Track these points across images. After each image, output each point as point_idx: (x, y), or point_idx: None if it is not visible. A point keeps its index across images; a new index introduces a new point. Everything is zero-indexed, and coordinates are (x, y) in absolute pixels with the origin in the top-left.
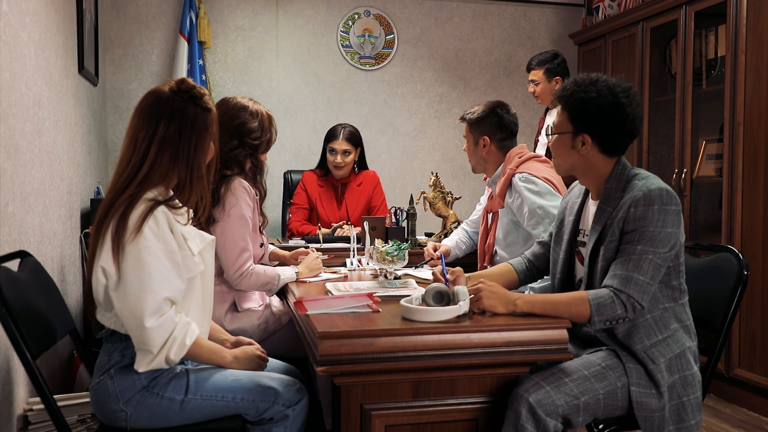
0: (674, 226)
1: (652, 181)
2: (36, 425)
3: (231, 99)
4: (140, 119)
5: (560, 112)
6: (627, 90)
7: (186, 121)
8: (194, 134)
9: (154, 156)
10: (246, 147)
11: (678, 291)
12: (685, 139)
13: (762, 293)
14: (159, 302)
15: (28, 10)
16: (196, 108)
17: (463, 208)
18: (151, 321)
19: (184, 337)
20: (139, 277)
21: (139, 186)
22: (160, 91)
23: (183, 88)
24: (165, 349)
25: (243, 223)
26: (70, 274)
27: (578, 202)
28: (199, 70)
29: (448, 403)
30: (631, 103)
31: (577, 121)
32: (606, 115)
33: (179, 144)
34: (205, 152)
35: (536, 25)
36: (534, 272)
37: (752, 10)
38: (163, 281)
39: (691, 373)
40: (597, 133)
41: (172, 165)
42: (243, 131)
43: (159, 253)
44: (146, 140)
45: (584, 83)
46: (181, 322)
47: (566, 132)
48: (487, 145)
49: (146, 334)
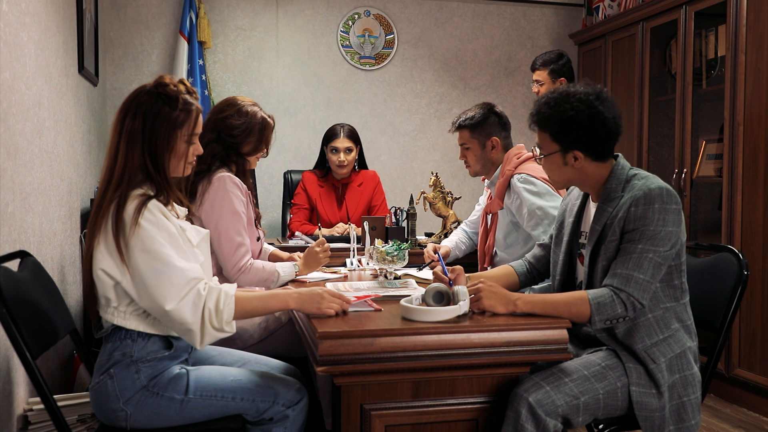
0: (675, 224)
1: (652, 181)
2: (36, 425)
3: (233, 98)
4: (116, 115)
5: (539, 134)
6: (598, 94)
7: (149, 115)
8: (156, 128)
9: (125, 151)
10: (221, 142)
11: (680, 290)
12: (685, 139)
13: (762, 293)
14: (179, 285)
15: (28, 10)
16: (163, 104)
17: (463, 208)
18: (172, 304)
19: (217, 303)
20: (152, 267)
21: (122, 185)
22: (141, 88)
23: (158, 83)
24: (206, 323)
25: (237, 219)
26: (70, 274)
27: (578, 204)
28: (199, 70)
29: (448, 403)
30: (607, 106)
31: (562, 140)
32: (589, 128)
33: (143, 138)
34: (170, 149)
35: (536, 25)
36: (535, 274)
37: (752, 10)
38: (175, 265)
39: (691, 373)
40: (585, 146)
41: (143, 160)
42: (222, 126)
43: (163, 240)
44: (117, 135)
45: (557, 102)
46: (210, 292)
47: (554, 152)
48: (496, 146)
49: (170, 316)
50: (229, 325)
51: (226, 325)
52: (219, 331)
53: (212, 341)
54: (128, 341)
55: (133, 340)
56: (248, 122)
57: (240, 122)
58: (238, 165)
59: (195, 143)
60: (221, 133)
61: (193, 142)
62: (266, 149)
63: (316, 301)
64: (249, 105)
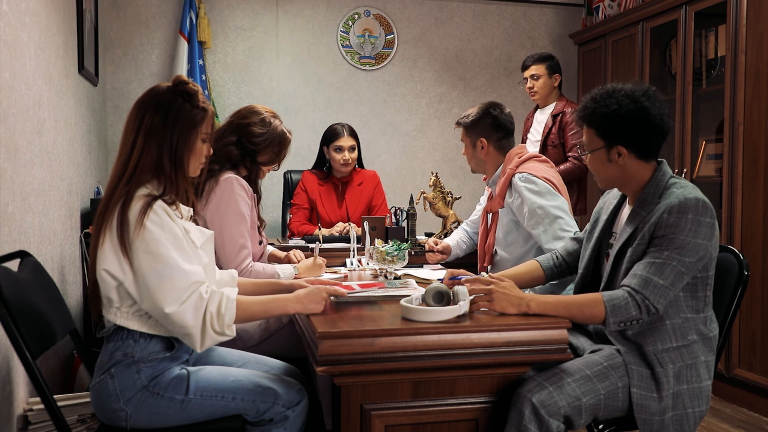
0: (706, 238)
1: (690, 191)
2: (36, 425)
3: (254, 106)
4: (132, 112)
5: (586, 130)
6: (646, 92)
7: (170, 112)
8: (177, 126)
9: (141, 146)
10: (241, 147)
11: (703, 302)
12: (685, 139)
13: (762, 293)
14: (181, 288)
15: (28, 10)
16: (184, 102)
17: (463, 208)
18: (173, 307)
19: (219, 307)
20: (154, 269)
21: (132, 181)
22: (157, 87)
23: (177, 82)
24: (207, 326)
25: (241, 220)
26: (70, 274)
27: (614, 203)
28: (199, 70)
29: (448, 403)
30: (654, 103)
31: (607, 135)
32: (633, 122)
33: (163, 134)
34: (189, 148)
35: (536, 25)
36: (564, 268)
37: (752, 10)
38: (178, 267)
39: (699, 386)
40: (630, 142)
41: (159, 157)
42: (245, 131)
43: (167, 242)
44: (134, 131)
45: (602, 97)
46: (212, 296)
47: (599, 148)
48: (485, 147)
49: (171, 318)
50: (230, 328)
51: (227, 329)
52: (220, 334)
53: (212, 345)
54: (130, 341)
55: (135, 341)
56: (270, 133)
57: (263, 131)
58: (251, 172)
59: (208, 143)
60: (242, 138)
61: (207, 141)
62: (279, 163)
63: (316, 301)
64: (270, 116)
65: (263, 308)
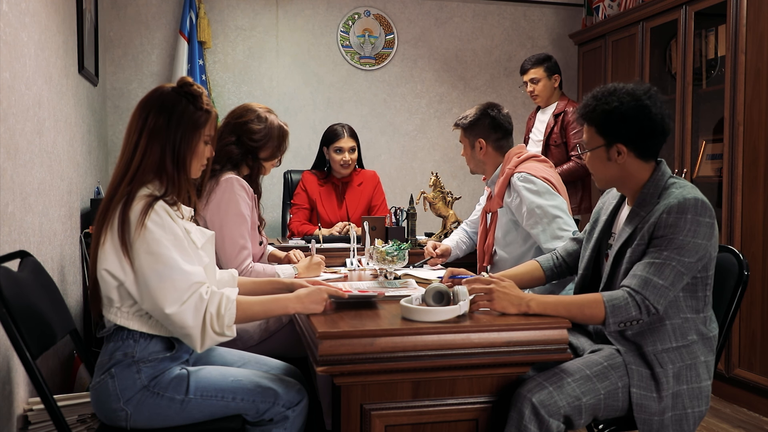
0: (705, 238)
1: (689, 191)
2: (36, 425)
3: (249, 104)
4: (136, 112)
5: (586, 128)
6: (647, 91)
7: (174, 113)
8: (181, 127)
9: (144, 147)
10: (242, 145)
11: (702, 302)
12: (685, 139)
13: (762, 293)
14: (181, 288)
15: (28, 10)
16: (188, 103)
17: (463, 208)
18: (173, 307)
19: (219, 308)
20: (155, 270)
21: (134, 181)
22: (162, 87)
23: (182, 84)
24: (207, 327)
25: (241, 221)
26: (70, 274)
27: (614, 203)
28: (199, 70)
29: (448, 403)
30: (655, 103)
31: (607, 133)
32: (633, 120)
33: (167, 135)
34: (192, 149)
35: (536, 25)
36: (564, 269)
37: (752, 10)
38: (179, 268)
39: (699, 386)
40: (629, 140)
41: (161, 157)
42: (243, 129)
43: (168, 243)
44: (137, 131)
45: (603, 95)
46: (212, 297)
47: (599, 146)
48: (483, 148)
49: (171, 319)
50: (230, 329)
51: (227, 330)
52: (220, 335)
53: (212, 345)
54: (130, 341)
55: (135, 341)
56: (268, 128)
57: (261, 127)
58: (253, 169)
59: (210, 145)
60: (242, 137)
61: (210, 143)
62: (280, 157)
63: (316, 301)
64: (265, 112)
65: (263, 308)
